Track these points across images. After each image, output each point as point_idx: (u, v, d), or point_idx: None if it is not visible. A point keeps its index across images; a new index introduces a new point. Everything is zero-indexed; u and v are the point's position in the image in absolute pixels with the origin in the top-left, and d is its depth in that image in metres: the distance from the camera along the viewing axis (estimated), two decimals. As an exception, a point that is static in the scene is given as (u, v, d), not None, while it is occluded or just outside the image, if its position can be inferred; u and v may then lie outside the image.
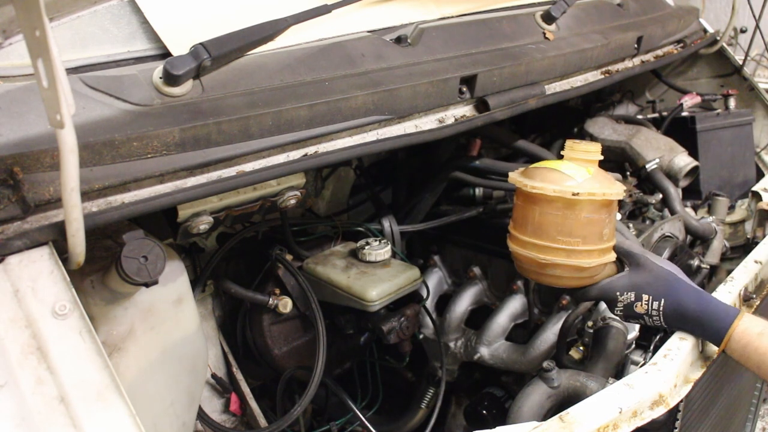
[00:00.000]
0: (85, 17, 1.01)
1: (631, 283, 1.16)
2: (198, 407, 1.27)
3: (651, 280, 1.14)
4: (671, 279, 1.13)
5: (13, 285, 0.79)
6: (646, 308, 1.13)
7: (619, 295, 1.16)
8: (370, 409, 1.65)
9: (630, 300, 1.15)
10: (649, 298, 1.12)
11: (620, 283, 1.17)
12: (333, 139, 1.14)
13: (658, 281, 1.13)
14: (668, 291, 1.11)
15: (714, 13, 3.21)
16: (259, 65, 1.09)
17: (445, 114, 1.31)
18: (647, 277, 1.15)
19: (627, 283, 1.16)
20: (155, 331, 1.08)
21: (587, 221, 1.15)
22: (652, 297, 1.12)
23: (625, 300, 1.15)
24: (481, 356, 1.48)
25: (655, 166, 1.83)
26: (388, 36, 1.30)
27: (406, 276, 1.42)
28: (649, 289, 1.13)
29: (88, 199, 0.88)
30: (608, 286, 1.18)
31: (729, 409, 1.44)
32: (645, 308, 1.13)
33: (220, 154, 0.99)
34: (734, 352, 1.05)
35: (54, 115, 0.69)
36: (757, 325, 1.04)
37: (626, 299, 1.15)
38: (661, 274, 1.14)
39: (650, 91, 2.43)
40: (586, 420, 0.95)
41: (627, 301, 1.15)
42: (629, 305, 1.15)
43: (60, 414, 0.73)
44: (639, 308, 1.13)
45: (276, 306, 1.41)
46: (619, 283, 1.17)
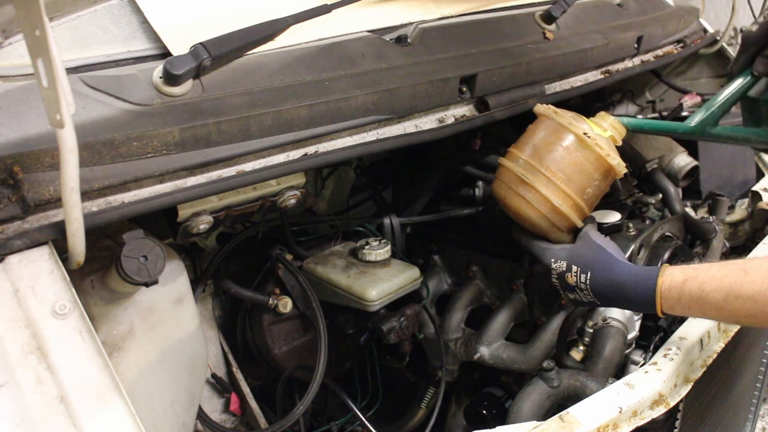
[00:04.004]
0: (85, 17, 1.01)
1: (566, 254, 1.18)
2: (198, 407, 1.27)
3: (582, 251, 1.16)
4: (600, 253, 1.13)
5: (13, 285, 0.79)
6: (575, 280, 1.14)
7: (552, 261, 1.19)
8: (370, 409, 1.65)
9: (562, 269, 1.17)
10: (578, 270, 1.14)
11: (558, 252, 1.19)
12: (333, 139, 1.14)
13: (588, 254, 1.14)
14: (596, 264, 1.12)
15: (714, 13, 3.21)
16: (259, 65, 1.09)
17: (445, 114, 1.31)
18: (579, 249, 1.17)
19: (562, 254, 1.18)
20: (155, 331, 1.08)
21: (581, 168, 1.20)
22: (580, 269, 1.14)
23: (558, 269, 1.18)
24: (481, 356, 1.48)
25: (655, 166, 1.82)
26: (388, 36, 1.30)
27: (406, 276, 1.42)
28: (578, 261, 1.15)
29: (88, 198, 0.88)
30: (547, 249, 1.21)
31: (729, 409, 1.44)
32: (574, 280, 1.15)
33: (220, 154, 1.00)
34: (674, 309, 1.03)
35: (54, 115, 0.69)
36: (680, 274, 1.02)
37: (558, 268, 1.18)
38: (592, 248, 1.15)
39: (650, 91, 2.43)
40: (586, 420, 0.95)
41: (559, 270, 1.17)
42: (562, 274, 1.17)
43: (60, 414, 0.73)
44: (569, 279, 1.16)
45: (276, 306, 1.41)
46: (557, 252, 1.20)
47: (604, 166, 1.21)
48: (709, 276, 0.97)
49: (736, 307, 0.93)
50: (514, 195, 1.24)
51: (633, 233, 1.44)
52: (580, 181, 1.21)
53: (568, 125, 1.20)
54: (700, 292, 0.97)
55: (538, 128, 1.25)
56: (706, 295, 0.96)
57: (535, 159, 1.22)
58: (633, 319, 1.37)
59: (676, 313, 1.03)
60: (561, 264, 1.18)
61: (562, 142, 1.21)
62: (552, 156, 1.21)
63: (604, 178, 1.23)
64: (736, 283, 0.93)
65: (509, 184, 1.25)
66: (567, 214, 1.21)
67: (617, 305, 1.16)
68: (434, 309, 1.65)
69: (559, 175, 1.20)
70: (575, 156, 1.20)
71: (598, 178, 1.22)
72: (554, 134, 1.22)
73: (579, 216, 1.23)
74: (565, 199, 1.20)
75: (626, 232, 1.44)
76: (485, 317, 1.52)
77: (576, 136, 1.20)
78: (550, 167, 1.20)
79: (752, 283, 0.91)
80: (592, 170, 1.21)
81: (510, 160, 1.26)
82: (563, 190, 1.20)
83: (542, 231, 1.25)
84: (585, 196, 1.22)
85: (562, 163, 1.20)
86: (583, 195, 1.21)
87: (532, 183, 1.21)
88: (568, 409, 0.97)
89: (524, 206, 1.23)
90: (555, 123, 1.22)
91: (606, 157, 1.20)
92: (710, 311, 0.98)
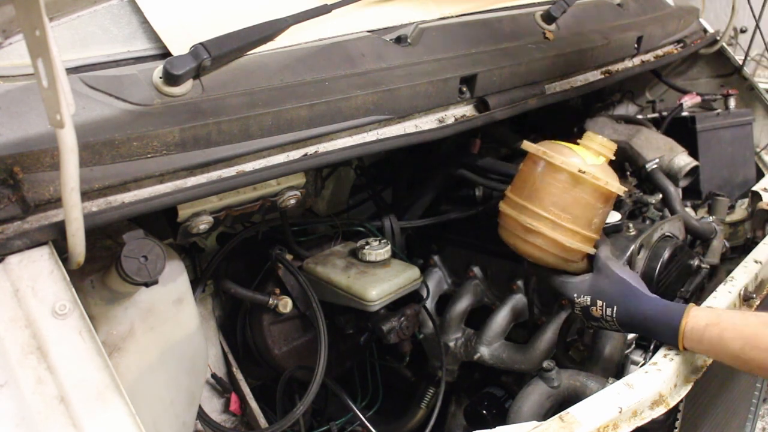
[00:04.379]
0: (85, 17, 1.01)
1: (588, 287, 1.18)
2: (198, 407, 1.27)
3: (606, 286, 1.17)
4: (624, 287, 1.15)
5: (13, 285, 0.79)
6: (601, 313, 1.16)
7: (576, 297, 1.19)
8: (370, 409, 1.65)
9: (586, 303, 1.18)
10: (603, 305, 1.15)
11: (579, 285, 1.20)
12: (333, 139, 1.14)
13: (612, 288, 1.16)
14: (620, 298, 1.14)
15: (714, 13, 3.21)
16: (259, 65, 1.09)
17: (445, 114, 1.31)
18: (603, 284, 1.17)
19: (585, 287, 1.19)
20: (155, 331, 1.08)
21: (583, 203, 1.19)
22: (606, 303, 1.15)
23: (582, 303, 1.18)
24: (481, 356, 1.48)
25: (655, 166, 1.82)
26: (388, 36, 1.30)
27: (406, 276, 1.42)
28: (603, 296, 1.16)
29: (88, 198, 0.88)
30: (568, 283, 1.21)
31: (729, 409, 1.44)
32: (600, 313, 1.16)
33: (220, 154, 0.99)
34: (694, 348, 1.07)
35: (54, 115, 0.69)
36: (703, 317, 1.06)
37: (583, 302, 1.18)
38: (615, 281, 1.16)
39: (650, 91, 2.43)
40: (586, 420, 0.95)
41: (584, 304, 1.18)
42: (586, 308, 1.18)
43: (60, 414, 0.73)
44: (594, 312, 1.17)
45: (276, 306, 1.40)
46: (578, 286, 1.20)
47: (605, 194, 1.20)
48: (730, 324, 1.02)
49: (752, 356, 0.98)
50: (523, 242, 1.23)
51: (633, 233, 1.44)
52: (585, 215, 1.20)
53: (562, 164, 1.18)
54: (719, 339, 1.02)
55: (532, 170, 1.23)
56: (725, 342, 1.01)
57: (536, 203, 1.20)
58: (633, 319, 1.37)
59: (697, 351, 1.08)
60: (585, 299, 1.18)
61: (559, 183, 1.19)
62: (552, 198, 1.19)
63: (606, 204, 1.23)
64: (754, 335, 0.98)
65: (515, 231, 1.24)
66: (579, 249, 1.21)
67: (641, 334, 1.17)
68: (434, 309, 1.65)
69: (564, 216, 1.18)
70: (575, 194, 1.19)
71: (601, 206, 1.21)
72: (549, 175, 1.20)
73: (590, 245, 1.23)
74: (574, 236, 1.20)
75: (626, 232, 1.45)
76: (485, 317, 1.52)
77: (571, 174, 1.18)
78: (552, 210, 1.19)
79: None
80: (594, 201, 1.20)
81: (510, 207, 1.24)
82: (571, 229, 1.19)
83: (557, 267, 1.24)
84: (592, 227, 1.22)
85: (564, 203, 1.19)
86: (590, 226, 1.21)
87: (539, 230, 1.19)
88: (568, 409, 0.97)
89: (536, 251, 1.22)
90: (547, 163, 1.20)
91: (605, 186, 1.18)
92: (727, 357, 1.03)
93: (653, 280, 1.40)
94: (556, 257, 1.21)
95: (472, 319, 1.60)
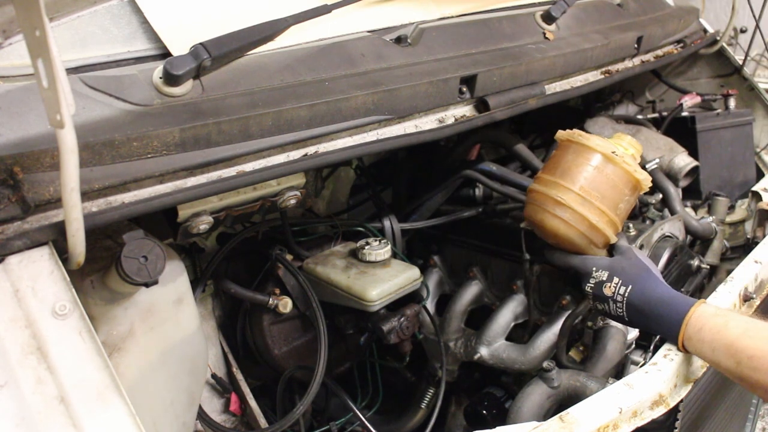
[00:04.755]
0: (85, 17, 1.01)
1: (608, 264, 1.22)
2: (198, 407, 1.27)
3: (626, 266, 1.20)
4: (644, 271, 1.18)
5: (13, 285, 0.79)
6: (613, 291, 1.18)
7: (594, 270, 1.22)
8: (370, 409, 1.65)
9: (601, 279, 1.20)
10: (619, 282, 1.17)
11: (599, 261, 1.24)
12: (333, 139, 1.14)
13: (632, 269, 1.19)
14: (637, 280, 1.16)
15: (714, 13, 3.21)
16: (259, 65, 1.09)
17: (445, 114, 1.31)
18: (623, 263, 1.21)
19: (605, 264, 1.23)
20: (155, 331, 1.08)
21: (612, 185, 1.25)
22: (622, 281, 1.17)
23: (598, 278, 1.21)
24: (481, 356, 1.48)
25: (655, 166, 1.82)
26: (388, 36, 1.30)
27: (406, 276, 1.42)
28: (621, 274, 1.19)
29: (88, 199, 0.88)
30: (589, 259, 1.26)
31: (729, 409, 1.44)
32: (612, 291, 1.18)
33: (220, 154, 0.99)
34: (692, 339, 1.05)
35: (54, 115, 0.69)
36: (712, 308, 1.07)
37: (599, 277, 1.21)
38: (636, 264, 1.20)
39: (650, 91, 2.43)
40: (586, 420, 0.95)
41: (598, 279, 1.21)
42: (599, 283, 1.20)
43: (60, 414, 0.73)
44: (607, 290, 1.19)
45: (276, 306, 1.40)
46: (598, 261, 1.24)
47: (632, 181, 1.26)
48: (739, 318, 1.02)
49: (750, 343, 0.97)
50: (551, 217, 1.26)
51: (633, 233, 1.44)
52: (613, 197, 1.25)
53: (596, 146, 1.25)
54: (723, 326, 1.01)
55: (565, 152, 1.29)
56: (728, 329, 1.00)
57: (567, 180, 1.25)
58: (633, 319, 1.37)
59: (693, 343, 1.06)
60: (602, 273, 1.21)
61: (591, 162, 1.25)
62: (584, 176, 1.25)
63: (632, 193, 1.28)
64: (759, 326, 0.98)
65: (544, 206, 1.27)
66: (604, 230, 1.25)
67: (644, 326, 1.17)
68: (434, 309, 1.65)
69: (593, 193, 1.24)
70: (606, 174, 1.25)
71: (628, 193, 1.27)
72: (582, 156, 1.26)
73: (614, 231, 1.27)
74: (601, 215, 1.24)
75: (626, 232, 1.45)
76: (485, 317, 1.52)
77: (604, 155, 1.24)
78: (583, 186, 1.24)
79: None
80: (622, 186, 1.25)
81: (541, 185, 1.29)
82: (599, 208, 1.24)
83: (580, 249, 1.28)
84: (618, 212, 1.26)
85: (595, 182, 1.24)
86: (615, 210, 1.26)
87: (569, 203, 1.24)
88: (568, 410, 0.97)
89: (563, 227, 1.26)
90: (581, 146, 1.27)
91: (634, 173, 1.24)
92: (725, 342, 1.00)
93: (653, 280, 1.40)
94: (581, 235, 1.25)
95: (472, 319, 1.60)
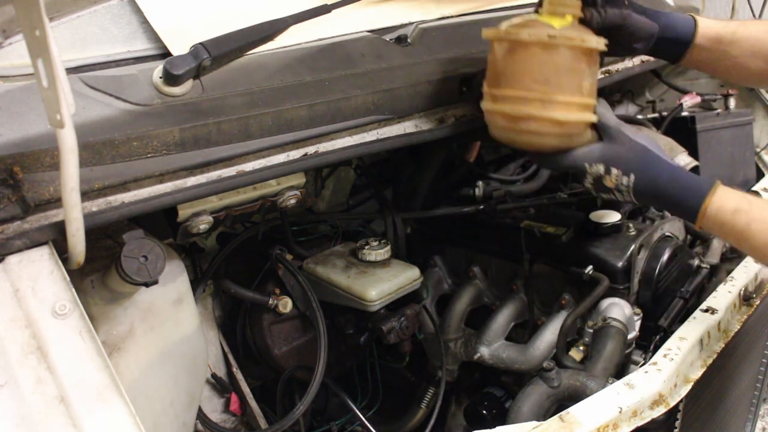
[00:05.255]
0: (85, 17, 1.01)
1: (601, 155, 1.10)
2: (198, 407, 1.27)
3: (622, 153, 1.09)
4: (643, 153, 1.08)
5: (13, 285, 0.79)
6: (616, 182, 1.09)
7: (588, 166, 1.11)
8: (370, 409, 1.65)
9: (599, 173, 1.10)
10: (619, 173, 1.08)
11: (590, 153, 1.11)
12: (333, 139, 1.14)
13: (629, 154, 1.08)
14: (639, 166, 1.07)
15: (714, 12, 3.21)
16: (259, 65, 1.09)
17: (445, 114, 1.31)
18: (619, 150, 1.10)
19: (597, 155, 1.11)
20: (155, 331, 1.08)
21: (564, 69, 1.09)
22: (622, 171, 1.08)
23: (594, 173, 1.11)
24: (481, 356, 1.48)
25: (655, 166, 1.82)
26: (388, 36, 1.30)
27: (406, 276, 1.42)
28: (619, 163, 1.08)
29: (88, 198, 0.88)
30: (578, 155, 1.12)
31: (729, 409, 1.44)
32: (614, 182, 1.09)
33: (220, 154, 1.00)
34: (711, 230, 1.03)
35: (54, 115, 0.69)
36: (731, 200, 1.01)
37: (595, 172, 1.11)
38: (633, 148, 1.09)
39: (650, 91, 2.42)
40: (586, 420, 0.95)
41: (596, 174, 1.10)
42: (599, 179, 1.10)
43: (60, 414, 0.73)
44: (608, 182, 1.10)
45: (276, 306, 1.41)
46: (589, 154, 1.11)
47: (585, 52, 1.10)
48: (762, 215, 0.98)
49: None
50: (518, 133, 1.13)
51: (633, 233, 1.44)
52: (571, 82, 1.10)
53: (529, 38, 1.08)
54: (745, 227, 0.98)
55: (500, 55, 1.13)
56: (751, 233, 0.98)
57: (516, 87, 1.10)
58: (633, 319, 1.37)
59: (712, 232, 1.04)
60: (598, 168, 1.10)
61: (532, 57, 1.09)
62: (531, 76, 1.09)
63: (590, 63, 1.12)
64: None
65: (507, 125, 1.14)
66: (576, 119, 1.11)
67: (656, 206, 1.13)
68: (434, 309, 1.65)
69: (548, 89, 1.08)
70: (553, 63, 1.08)
71: (585, 67, 1.11)
72: (520, 54, 1.10)
73: (588, 111, 1.13)
74: (568, 108, 1.10)
75: (626, 232, 1.45)
76: (485, 317, 1.52)
77: (542, 45, 1.08)
78: (535, 87, 1.08)
79: None
80: (576, 64, 1.09)
81: (493, 102, 1.14)
82: (561, 101, 1.09)
83: (562, 147, 1.14)
84: (584, 92, 1.11)
85: (545, 76, 1.08)
86: (581, 91, 1.11)
87: (529, 113, 1.09)
88: (568, 409, 0.97)
89: (534, 138, 1.13)
90: (513, 43, 1.10)
91: (582, 44, 1.08)
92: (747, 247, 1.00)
93: (653, 280, 1.40)
94: (556, 136, 1.12)
95: (472, 319, 1.60)
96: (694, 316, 1.22)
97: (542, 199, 1.67)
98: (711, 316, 1.22)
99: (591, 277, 1.38)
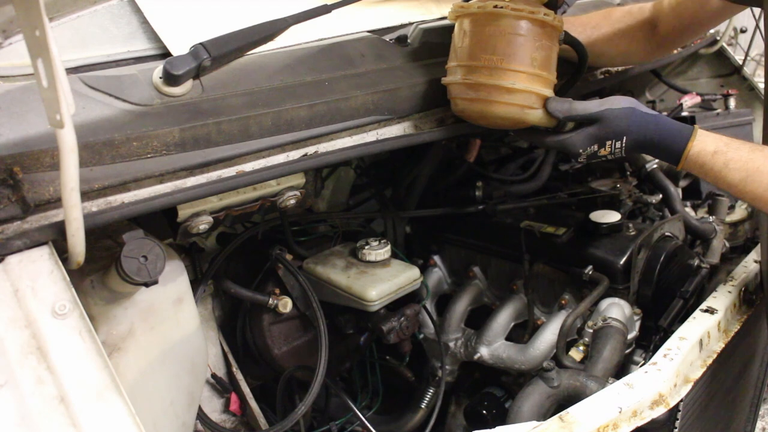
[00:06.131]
0: (85, 17, 1.01)
1: (593, 136, 1.17)
2: (198, 407, 1.27)
3: (611, 125, 1.15)
4: (630, 114, 1.14)
5: (13, 285, 0.79)
6: (610, 149, 1.17)
7: (581, 150, 1.18)
8: (370, 409, 1.65)
9: (593, 150, 1.18)
10: (611, 143, 1.16)
11: (582, 140, 1.17)
12: (333, 139, 1.14)
13: (620, 123, 1.14)
14: (631, 127, 1.14)
15: None
16: (259, 65, 1.09)
17: (446, 114, 1.31)
18: (608, 125, 1.15)
19: (588, 138, 1.17)
20: (155, 331, 1.08)
21: (511, 39, 1.14)
22: (615, 140, 1.15)
23: (589, 152, 1.18)
24: (481, 356, 1.48)
25: (655, 165, 1.82)
26: (388, 36, 1.30)
27: (406, 276, 1.42)
28: (611, 135, 1.15)
29: (88, 199, 0.88)
30: (569, 142, 1.19)
31: (729, 409, 1.44)
32: (608, 150, 1.17)
33: (220, 154, 1.00)
34: (692, 170, 1.12)
35: (54, 115, 0.69)
36: (711, 143, 1.10)
37: (590, 151, 1.18)
38: (620, 115, 1.15)
39: (650, 91, 2.42)
40: (586, 420, 0.95)
41: (590, 152, 1.18)
42: (593, 154, 1.18)
43: (60, 414, 0.73)
44: (602, 152, 1.18)
45: (276, 306, 1.40)
46: (581, 141, 1.18)
47: (535, 24, 1.14)
48: (738, 155, 1.08)
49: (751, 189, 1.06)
50: (470, 102, 1.18)
51: (633, 233, 1.44)
52: (520, 51, 1.14)
53: (477, 9, 1.14)
54: (724, 166, 1.08)
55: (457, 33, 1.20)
56: (729, 171, 1.08)
57: (467, 58, 1.16)
58: (633, 319, 1.37)
59: (692, 172, 1.13)
60: (592, 148, 1.17)
61: (481, 27, 1.15)
62: (481, 46, 1.14)
63: (544, 37, 1.16)
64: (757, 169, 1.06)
65: (462, 96, 1.19)
66: (524, 89, 1.15)
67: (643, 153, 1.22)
68: (434, 309, 1.65)
69: (496, 58, 1.13)
70: (501, 31, 1.13)
71: (537, 39, 1.15)
72: (471, 26, 1.16)
73: (541, 85, 1.17)
74: (516, 76, 1.14)
75: (626, 232, 1.45)
76: (485, 317, 1.52)
77: (487, 13, 1.13)
78: (482, 56, 1.14)
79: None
80: (525, 34, 1.14)
81: (450, 75, 1.21)
82: (509, 69, 1.13)
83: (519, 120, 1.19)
84: (534, 64, 1.15)
85: (494, 45, 1.13)
86: (532, 63, 1.15)
87: (477, 80, 1.15)
88: (568, 409, 0.97)
89: (485, 107, 1.17)
90: (466, 17, 1.17)
91: (530, 15, 1.13)
92: (725, 185, 1.09)
93: (653, 280, 1.40)
94: (506, 105, 1.16)
95: (472, 319, 1.60)
96: (694, 316, 1.22)
97: (542, 199, 1.67)
98: (711, 316, 1.22)
99: (591, 277, 1.38)
